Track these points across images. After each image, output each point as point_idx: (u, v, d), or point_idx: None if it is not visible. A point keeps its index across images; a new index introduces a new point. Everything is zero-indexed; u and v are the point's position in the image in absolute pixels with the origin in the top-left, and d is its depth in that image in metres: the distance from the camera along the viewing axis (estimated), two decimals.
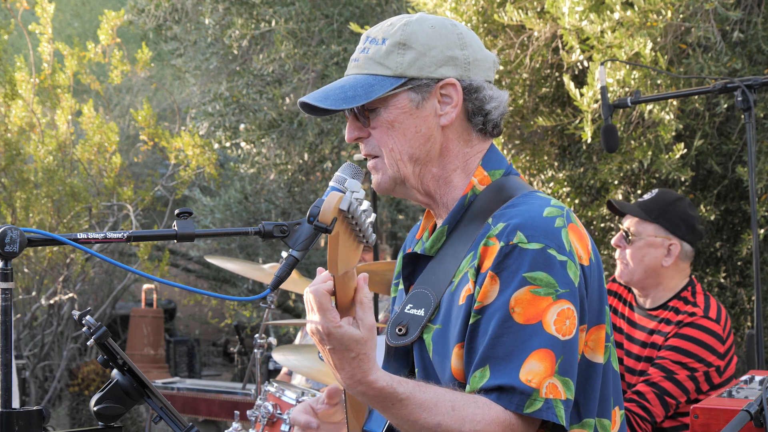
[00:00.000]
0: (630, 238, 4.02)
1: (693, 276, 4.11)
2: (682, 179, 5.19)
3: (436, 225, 2.38)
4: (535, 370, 2.05)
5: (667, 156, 4.75)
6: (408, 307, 2.26)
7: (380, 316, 5.22)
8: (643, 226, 4.02)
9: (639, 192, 5.43)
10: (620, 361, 4.08)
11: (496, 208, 2.22)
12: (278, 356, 4.77)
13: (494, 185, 2.28)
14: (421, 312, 2.23)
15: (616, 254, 4.12)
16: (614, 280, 4.20)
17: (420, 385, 2.09)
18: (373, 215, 2.01)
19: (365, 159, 2.34)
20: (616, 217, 5.41)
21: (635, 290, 4.13)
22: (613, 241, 4.12)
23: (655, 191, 4.12)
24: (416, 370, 2.26)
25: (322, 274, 2.03)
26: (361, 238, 1.97)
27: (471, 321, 2.12)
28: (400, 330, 2.24)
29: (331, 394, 2.54)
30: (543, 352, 2.06)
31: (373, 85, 2.22)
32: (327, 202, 1.90)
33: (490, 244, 2.14)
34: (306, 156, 7.83)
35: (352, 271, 1.99)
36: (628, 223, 4.08)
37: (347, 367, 2.00)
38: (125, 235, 2.22)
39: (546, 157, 5.47)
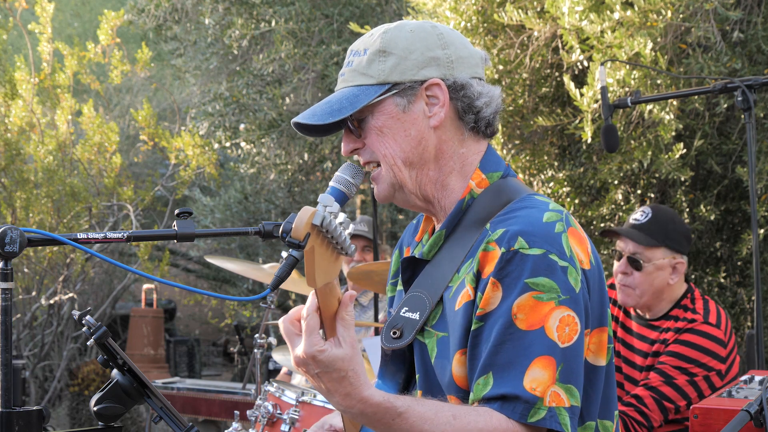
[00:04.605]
0: (641, 264, 3.94)
1: (691, 282, 4.09)
2: (682, 179, 5.18)
3: (435, 228, 2.38)
4: (539, 378, 2.05)
5: (667, 156, 4.74)
6: (403, 311, 2.26)
7: (380, 316, 5.22)
8: (651, 252, 3.93)
9: (639, 192, 5.43)
10: (618, 369, 4.07)
11: (494, 213, 2.21)
12: (278, 356, 4.77)
13: (492, 188, 2.27)
14: (416, 316, 2.23)
15: (618, 279, 4.02)
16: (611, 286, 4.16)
17: (416, 399, 2.08)
18: (352, 227, 2.02)
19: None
20: (616, 217, 5.41)
21: (637, 309, 4.08)
22: (617, 269, 4.00)
23: (647, 210, 4.00)
24: (417, 375, 2.26)
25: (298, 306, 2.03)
26: (339, 250, 1.96)
27: (473, 327, 2.11)
28: (394, 333, 2.24)
29: None
30: (545, 359, 2.06)
31: (358, 95, 2.22)
32: (299, 218, 1.89)
33: (489, 249, 2.13)
34: (306, 156, 7.84)
35: (333, 282, 1.98)
36: (633, 248, 3.97)
37: (339, 388, 1.97)
38: (125, 235, 2.22)
39: (546, 157, 5.47)
